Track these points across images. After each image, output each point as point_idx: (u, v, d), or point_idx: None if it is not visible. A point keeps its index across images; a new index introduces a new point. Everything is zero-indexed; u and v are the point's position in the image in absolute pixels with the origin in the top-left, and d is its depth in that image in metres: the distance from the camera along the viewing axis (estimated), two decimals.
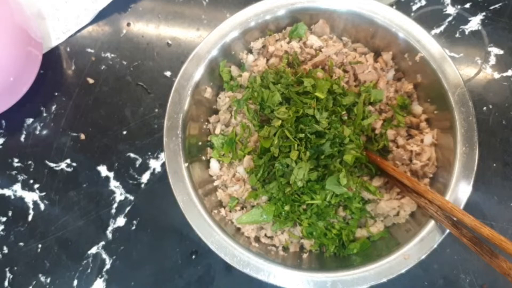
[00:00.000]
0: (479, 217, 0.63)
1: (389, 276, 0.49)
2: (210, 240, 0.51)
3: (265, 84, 0.57)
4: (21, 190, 0.68)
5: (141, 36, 0.74)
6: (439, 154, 0.55)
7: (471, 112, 0.53)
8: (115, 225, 0.65)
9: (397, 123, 0.58)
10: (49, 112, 0.71)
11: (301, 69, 0.59)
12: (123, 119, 0.70)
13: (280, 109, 0.54)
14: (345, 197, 0.53)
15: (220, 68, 0.61)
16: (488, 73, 0.70)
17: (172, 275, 0.63)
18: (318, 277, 0.50)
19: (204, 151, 0.61)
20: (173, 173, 0.54)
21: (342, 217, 0.55)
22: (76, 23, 0.74)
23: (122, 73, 0.72)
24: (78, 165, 0.68)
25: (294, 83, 0.57)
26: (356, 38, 0.63)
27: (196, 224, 0.52)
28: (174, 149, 0.55)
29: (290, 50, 0.61)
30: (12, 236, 0.66)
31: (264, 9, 0.59)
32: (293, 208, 0.55)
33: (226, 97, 0.62)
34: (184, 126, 0.56)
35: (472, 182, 0.51)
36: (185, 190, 0.53)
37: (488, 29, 0.72)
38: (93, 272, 0.64)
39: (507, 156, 0.66)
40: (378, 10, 0.58)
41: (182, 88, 0.57)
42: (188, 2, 0.76)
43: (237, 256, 0.51)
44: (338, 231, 0.55)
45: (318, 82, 0.55)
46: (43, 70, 0.72)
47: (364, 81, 0.59)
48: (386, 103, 0.60)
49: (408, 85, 0.59)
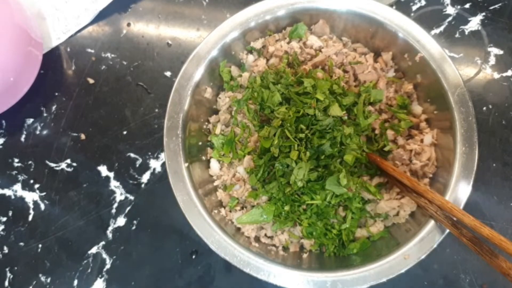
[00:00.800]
0: (479, 217, 0.63)
1: (389, 276, 0.49)
2: (210, 240, 0.51)
3: (265, 84, 0.57)
4: (22, 190, 0.68)
5: (141, 36, 0.74)
6: (439, 154, 0.55)
7: (470, 112, 0.53)
8: (115, 225, 0.65)
9: (397, 124, 0.58)
10: (49, 112, 0.71)
11: (301, 69, 0.59)
12: (123, 119, 0.70)
13: (280, 109, 0.55)
14: (345, 197, 0.53)
15: (220, 68, 0.61)
16: (488, 73, 0.70)
17: (172, 275, 0.63)
18: (318, 277, 0.50)
19: (204, 151, 0.61)
20: (173, 173, 0.54)
21: (342, 217, 0.56)
22: (76, 23, 0.74)
23: (122, 73, 0.72)
24: (78, 165, 0.68)
25: (294, 83, 0.57)
26: (356, 38, 0.63)
27: (196, 224, 0.52)
28: (174, 149, 0.55)
29: (290, 50, 0.61)
30: (12, 236, 0.66)
31: (264, 9, 0.59)
32: (293, 208, 0.55)
33: (226, 97, 0.62)
34: (184, 126, 0.56)
35: (471, 182, 0.51)
36: (185, 190, 0.53)
37: (488, 29, 0.72)
38: (93, 272, 0.64)
39: (506, 156, 0.66)
40: (378, 10, 0.58)
41: (182, 88, 0.57)
42: (188, 2, 0.76)
43: (237, 256, 0.51)
44: (338, 231, 0.55)
45: (318, 82, 0.55)
46: (43, 70, 0.72)
47: (364, 81, 0.59)
48: (386, 103, 0.60)
49: (408, 85, 0.59)
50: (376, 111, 0.59)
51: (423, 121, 0.58)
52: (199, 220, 0.52)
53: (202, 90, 0.60)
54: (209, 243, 0.51)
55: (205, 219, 0.53)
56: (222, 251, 0.51)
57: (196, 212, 0.53)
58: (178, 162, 0.55)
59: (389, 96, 0.60)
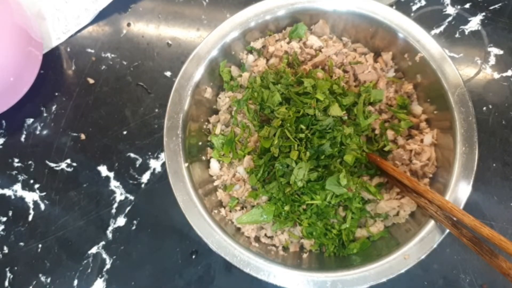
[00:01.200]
0: (479, 217, 0.63)
1: (389, 276, 0.49)
2: (210, 239, 0.51)
3: (265, 84, 0.57)
4: (22, 190, 0.68)
5: (141, 36, 0.74)
6: (439, 154, 0.55)
7: (470, 112, 0.53)
8: (115, 225, 0.65)
9: (397, 124, 0.58)
10: (49, 112, 0.71)
11: (301, 69, 0.59)
12: (123, 119, 0.70)
13: (280, 109, 0.55)
14: (345, 198, 0.53)
15: (220, 68, 0.61)
16: (487, 73, 0.70)
17: (172, 275, 0.63)
18: (318, 277, 0.50)
19: (204, 151, 0.61)
20: (173, 173, 0.54)
21: (342, 217, 0.56)
22: (76, 23, 0.74)
23: (122, 73, 0.72)
24: (78, 165, 0.68)
25: (294, 83, 0.57)
26: (356, 38, 0.63)
27: (196, 224, 0.52)
28: (174, 149, 0.55)
29: (290, 50, 0.61)
30: (12, 236, 0.66)
31: (264, 9, 0.59)
32: (293, 208, 0.55)
33: (226, 97, 0.62)
34: (184, 126, 0.56)
35: (472, 182, 0.51)
36: (185, 190, 0.53)
37: (487, 29, 0.72)
38: (93, 272, 0.64)
39: (506, 156, 0.66)
40: (378, 10, 0.58)
41: (182, 88, 0.57)
42: (188, 2, 0.76)
43: (237, 256, 0.51)
44: (338, 231, 0.55)
45: (318, 82, 0.55)
46: (43, 70, 0.72)
47: (364, 81, 0.59)
48: (386, 103, 0.60)
49: (408, 85, 0.59)
50: (376, 111, 0.59)
51: (423, 121, 0.58)
52: (199, 220, 0.52)
53: (202, 90, 0.60)
54: (209, 243, 0.51)
55: (205, 219, 0.53)
56: (222, 251, 0.51)
57: (196, 212, 0.53)
58: (178, 162, 0.55)
59: (389, 96, 0.60)
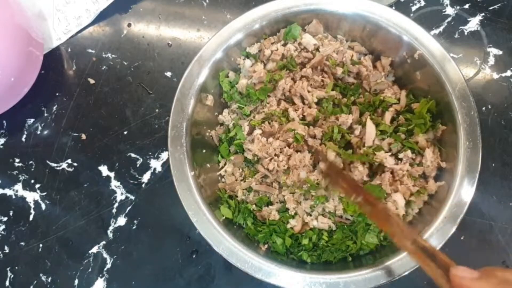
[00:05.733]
0: (479, 217, 0.63)
1: (390, 278, 0.49)
2: (221, 247, 0.51)
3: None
4: (22, 190, 0.68)
5: (141, 37, 0.75)
6: (442, 153, 0.55)
7: (472, 106, 0.53)
8: (116, 224, 0.65)
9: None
10: (50, 112, 0.71)
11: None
12: (124, 119, 0.70)
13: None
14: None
15: (220, 78, 0.61)
16: (487, 74, 0.70)
17: (173, 275, 0.63)
18: (318, 277, 0.50)
19: (210, 158, 0.61)
20: (179, 182, 0.54)
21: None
22: (77, 24, 0.74)
23: (122, 73, 0.73)
24: (79, 165, 0.68)
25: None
26: (354, 39, 0.63)
27: (208, 234, 0.52)
28: (180, 158, 0.54)
29: (286, 53, 0.61)
30: (13, 235, 0.66)
31: (261, 15, 0.59)
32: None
33: (230, 112, 0.62)
34: (188, 135, 0.56)
35: (477, 176, 0.51)
36: (193, 199, 0.53)
37: (487, 30, 0.72)
38: (94, 271, 0.64)
39: (506, 156, 0.66)
40: (378, 10, 0.58)
41: (184, 97, 0.57)
42: (188, 3, 0.76)
43: (248, 262, 0.51)
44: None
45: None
46: (44, 71, 0.72)
47: (375, 90, 0.59)
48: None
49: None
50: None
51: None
52: (210, 229, 0.52)
53: (204, 98, 0.59)
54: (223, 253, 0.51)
55: (215, 227, 0.52)
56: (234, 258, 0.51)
57: (205, 220, 0.52)
58: (184, 172, 0.54)
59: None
